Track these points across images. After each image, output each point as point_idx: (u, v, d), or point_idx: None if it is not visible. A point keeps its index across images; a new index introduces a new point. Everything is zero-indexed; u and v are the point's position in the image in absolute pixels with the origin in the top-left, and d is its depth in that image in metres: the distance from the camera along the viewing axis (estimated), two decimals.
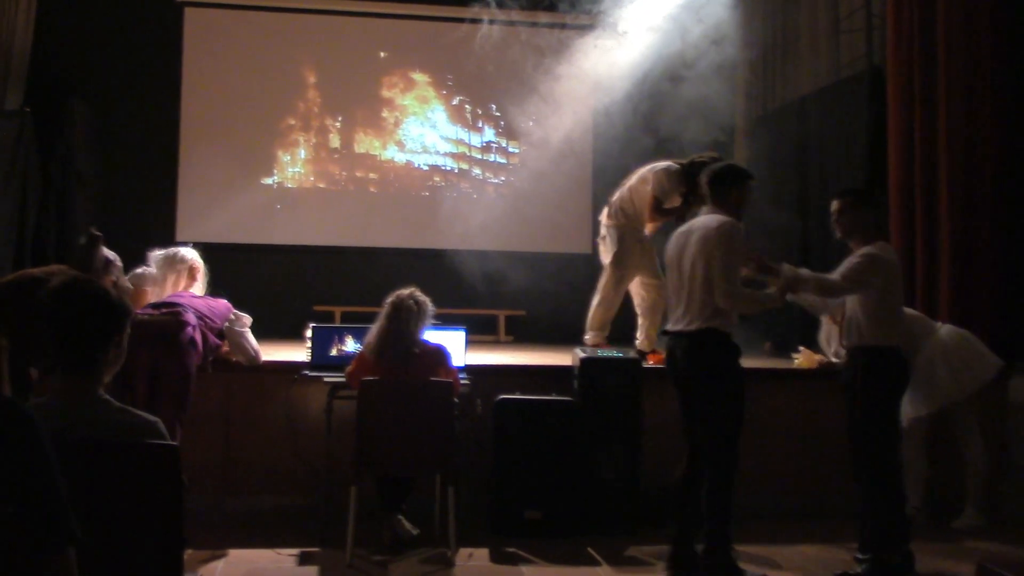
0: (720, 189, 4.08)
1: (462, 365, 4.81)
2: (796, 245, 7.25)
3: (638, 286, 5.81)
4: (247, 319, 4.69)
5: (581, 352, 5.04)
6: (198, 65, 8.87)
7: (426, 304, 4.38)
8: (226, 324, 4.55)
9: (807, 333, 5.93)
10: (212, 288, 4.69)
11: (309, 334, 4.97)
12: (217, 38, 8.94)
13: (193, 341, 4.19)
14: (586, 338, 5.81)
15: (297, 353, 5.21)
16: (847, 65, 7.29)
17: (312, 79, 9.14)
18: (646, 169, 5.73)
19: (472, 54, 7.48)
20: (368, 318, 4.57)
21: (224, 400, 4.98)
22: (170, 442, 2.09)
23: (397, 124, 9.27)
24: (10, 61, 7.28)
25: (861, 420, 4.07)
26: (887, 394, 4.08)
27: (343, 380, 4.44)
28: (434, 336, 4.52)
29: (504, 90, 8.25)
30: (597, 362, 4.95)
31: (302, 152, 9.13)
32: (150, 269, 4.59)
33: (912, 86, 6.02)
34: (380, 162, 9.24)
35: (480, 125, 9.34)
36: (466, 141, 9.35)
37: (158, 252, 4.62)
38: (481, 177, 9.33)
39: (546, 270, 8.10)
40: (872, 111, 6.59)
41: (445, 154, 9.32)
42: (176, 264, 4.54)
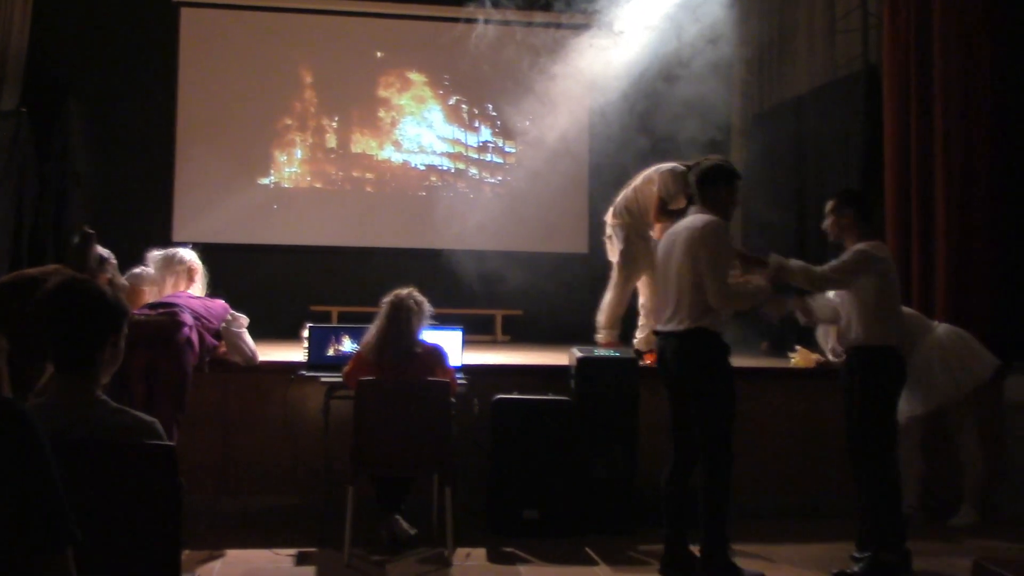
0: (707, 188, 4.07)
1: (459, 365, 4.82)
2: (792, 244, 7.25)
3: (644, 285, 5.82)
4: (244, 319, 4.68)
5: (578, 352, 5.04)
6: (194, 65, 8.85)
7: (425, 304, 4.39)
8: (223, 324, 4.55)
9: (803, 332, 5.94)
10: (209, 288, 4.68)
11: (306, 334, 4.98)
12: (213, 38, 8.93)
13: (190, 341, 4.19)
14: (598, 337, 5.82)
15: (294, 353, 5.21)
16: (843, 64, 7.29)
17: (308, 79, 9.13)
18: (652, 170, 5.74)
19: (468, 54, 7.48)
20: (365, 318, 4.57)
21: (221, 400, 4.98)
22: (167, 442, 2.08)
23: (394, 124, 9.26)
24: (6, 61, 7.26)
25: (858, 419, 4.08)
26: (884, 393, 4.08)
27: (340, 380, 4.44)
28: (431, 336, 4.52)
29: (500, 90, 8.23)
30: (594, 362, 4.95)
31: (298, 152, 9.11)
32: (147, 269, 4.57)
33: (908, 85, 6.03)
34: (377, 162, 9.22)
35: (476, 125, 9.33)
36: (462, 141, 9.34)
37: (157, 253, 4.60)
38: (478, 177, 9.32)
39: (543, 270, 8.09)
40: (868, 110, 6.61)
41: (441, 154, 9.31)
42: (175, 265, 4.53)
